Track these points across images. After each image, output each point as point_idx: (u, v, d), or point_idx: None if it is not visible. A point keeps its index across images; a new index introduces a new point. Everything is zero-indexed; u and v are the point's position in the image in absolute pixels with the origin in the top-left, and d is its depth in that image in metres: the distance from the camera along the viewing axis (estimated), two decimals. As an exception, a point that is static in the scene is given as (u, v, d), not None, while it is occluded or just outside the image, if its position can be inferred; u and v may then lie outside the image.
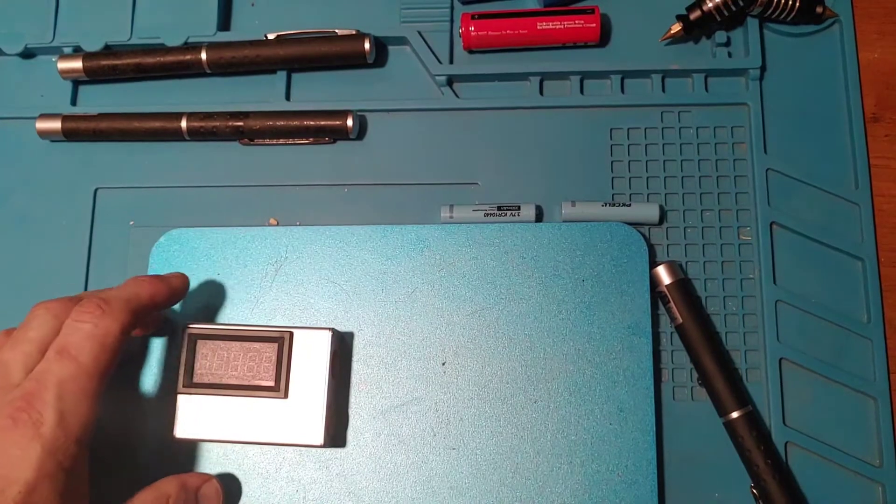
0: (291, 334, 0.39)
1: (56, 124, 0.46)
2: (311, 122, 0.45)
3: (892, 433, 0.41)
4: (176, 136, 0.45)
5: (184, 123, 0.45)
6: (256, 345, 0.39)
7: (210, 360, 0.39)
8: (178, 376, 0.39)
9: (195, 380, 0.39)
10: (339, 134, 0.45)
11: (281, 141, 0.45)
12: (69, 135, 0.46)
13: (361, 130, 0.46)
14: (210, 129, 0.45)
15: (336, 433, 0.40)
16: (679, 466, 0.41)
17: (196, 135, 0.45)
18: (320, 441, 0.38)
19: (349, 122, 0.44)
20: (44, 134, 0.46)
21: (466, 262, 0.42)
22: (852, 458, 0.40)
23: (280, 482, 0.40)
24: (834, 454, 0.40)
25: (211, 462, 0.40)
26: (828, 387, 0.41)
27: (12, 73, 0.48)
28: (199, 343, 0.39)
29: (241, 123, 0.45)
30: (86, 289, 0.45)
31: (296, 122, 0.45)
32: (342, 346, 0.41)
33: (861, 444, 0.41)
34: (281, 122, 0.45)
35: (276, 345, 0.39)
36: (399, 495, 0.40)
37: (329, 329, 0.39)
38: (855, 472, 0.40)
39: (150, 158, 0.46)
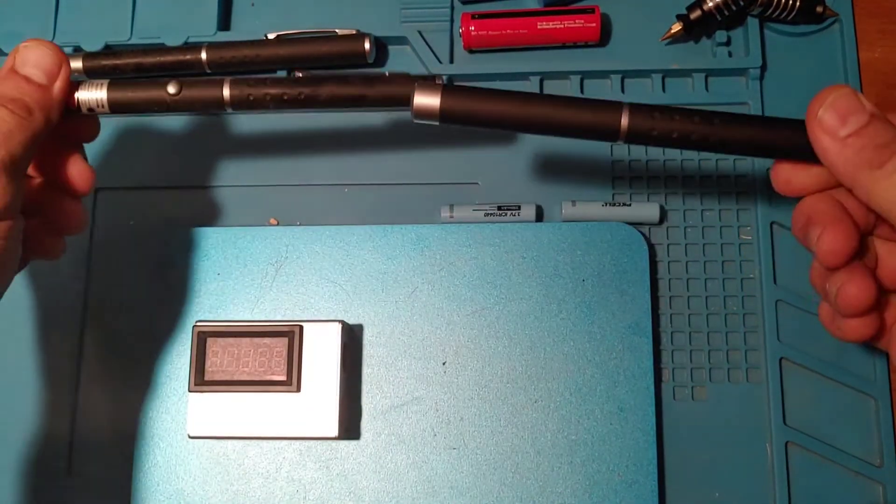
0: (301, 328, 0.39)
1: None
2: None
3: (893, 433, 0.41)
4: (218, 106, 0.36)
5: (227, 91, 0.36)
6: (267, 340, 0.39)
7: (220, 356, 0.39)
8: (188, 374, 0.39)
9: (206, 377, 0.39)
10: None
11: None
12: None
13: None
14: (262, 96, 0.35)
15: (350, 425, 0.40)
16: (679, 466, 0.41)
17: (242, 105, 0.36)
18: (335, 433, 0.38)
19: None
20: (44, 134, 0.46)
21: (466, 262, 0.42)
22: (852, 458, 0.40)
23: (280, 482, 0.40)
24: (834, 454, 0.40)
25: (212, 461, 0.40)
26: (828, 386, 0.41)
27: (12, 73, 0.48)
28: (209, 340, 0.39)
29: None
30: (87, 291, 0.44)
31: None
32: (352, 339, 0.41)
33: (861, 444, 0.41)
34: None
35: (286, 339, 0.39)
36: (399, 495, 0.40)
37: (339, 321, 0.39)
38: (855, 472, 0.40)
39: (150, 158, 0.46)
